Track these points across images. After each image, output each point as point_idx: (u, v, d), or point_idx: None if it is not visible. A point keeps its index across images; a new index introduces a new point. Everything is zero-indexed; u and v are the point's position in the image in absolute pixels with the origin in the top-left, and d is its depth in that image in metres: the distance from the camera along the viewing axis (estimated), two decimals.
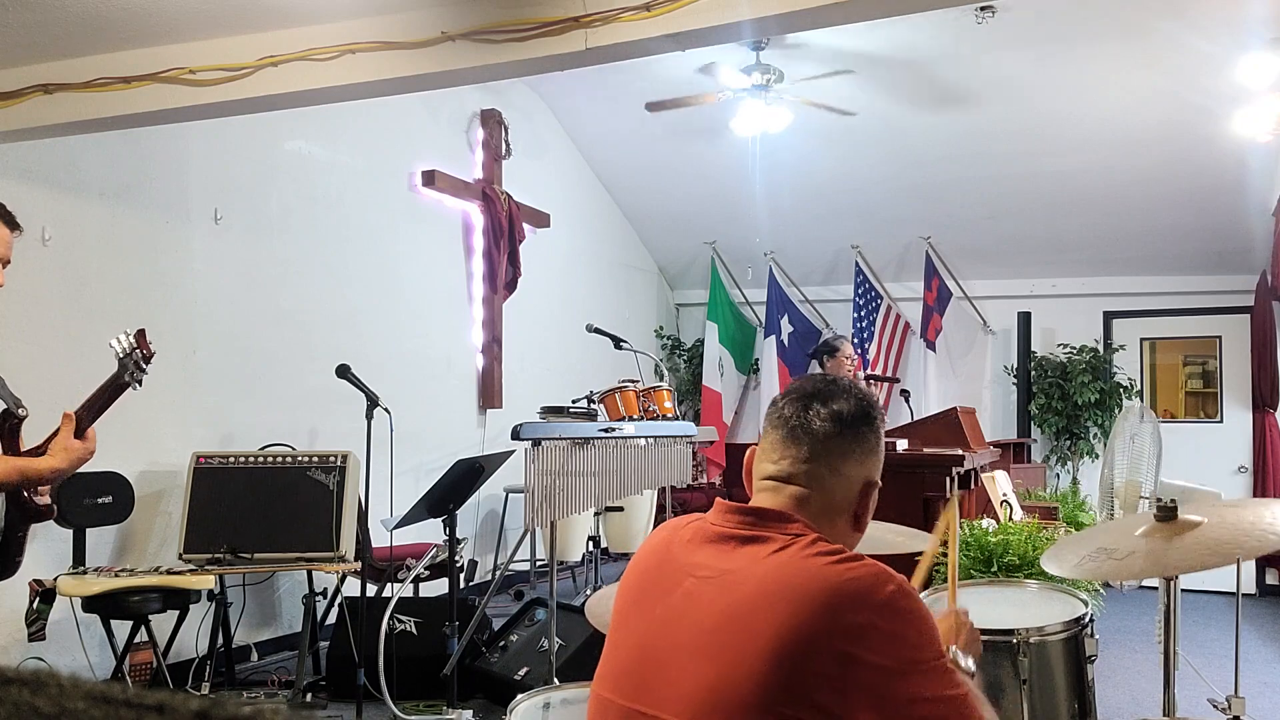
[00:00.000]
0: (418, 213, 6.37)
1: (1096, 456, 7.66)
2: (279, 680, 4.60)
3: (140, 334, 2.27)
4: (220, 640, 4.52)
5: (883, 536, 2.59)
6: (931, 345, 8.08)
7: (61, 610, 4.00)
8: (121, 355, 2.22)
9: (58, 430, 2.28)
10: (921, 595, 2.61)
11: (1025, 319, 7.85)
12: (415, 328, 6.30)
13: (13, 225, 2.32)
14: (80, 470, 2.27)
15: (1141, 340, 7.90)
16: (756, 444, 1.54)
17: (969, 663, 1.55)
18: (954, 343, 8.16)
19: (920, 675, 1.24)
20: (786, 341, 8.41)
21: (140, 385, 2.27)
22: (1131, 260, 7.61)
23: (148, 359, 2.26)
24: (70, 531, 4.25)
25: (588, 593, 5.69)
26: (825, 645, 1.23)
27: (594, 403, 4.99)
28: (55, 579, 3.94)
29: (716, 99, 6.13)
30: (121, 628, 4.23)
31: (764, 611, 1.28)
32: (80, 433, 2.27)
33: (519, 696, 2.23)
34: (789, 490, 1.43)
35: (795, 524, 1.38)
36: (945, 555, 1.91)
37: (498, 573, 5.06)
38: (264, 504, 4.43)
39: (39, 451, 2.29)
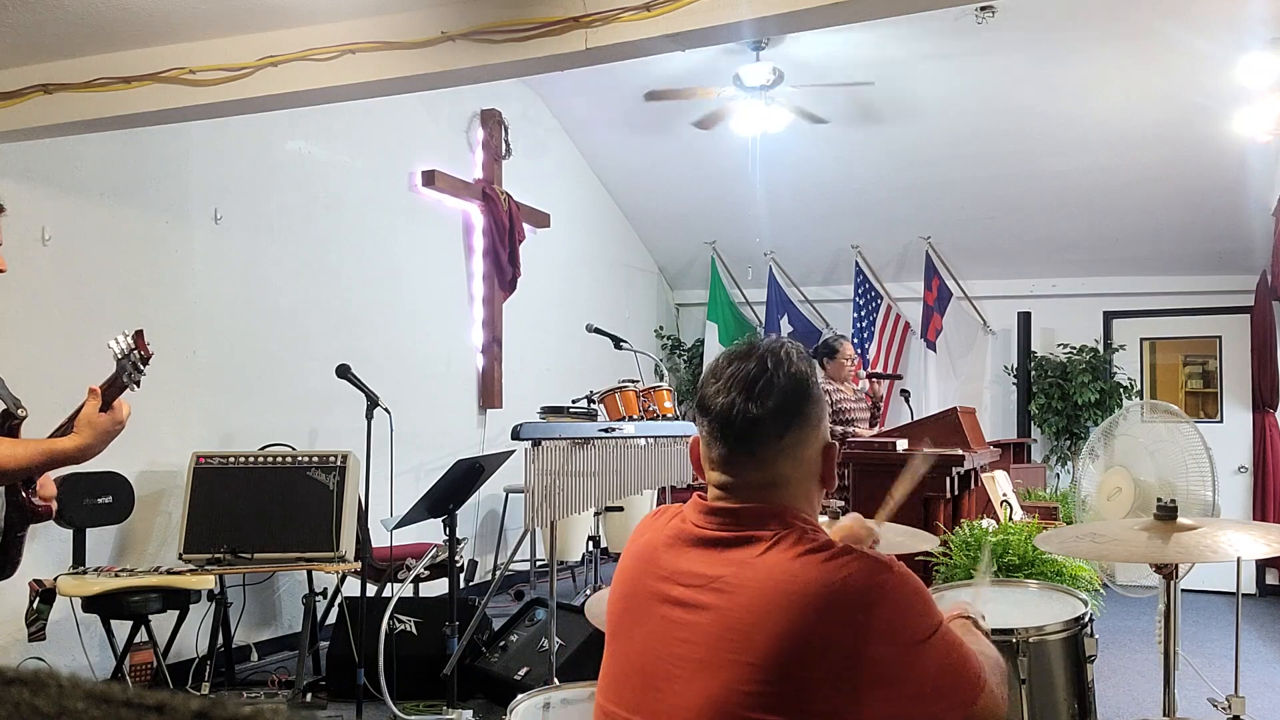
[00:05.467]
0: (418, 213, 6.37)
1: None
2: (279, 680, 4.60)
3: (138, 335, 2.24)
4: (220, 640, 4.52)
5: (882, 536, 2.59)
6: (931, 345, 8.08)
7: (61, 610, 4.01)
8: (119, 356, 2.20)
9: (80, 409, 2.19)
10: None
11: (1025, 319, 7.85)
12: (415, 328, 6.30)
13: None
14: (80, 470, 2.22)
15: (1141, 340, 7.89)
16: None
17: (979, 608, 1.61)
18: (954, 343, 8.16)
19: (927, 650, 1.25)
20: None
21: (138, 386, 2.25)
22: (1131, 260, 7.61)
23: (146, 360, 2.24)
24: (70, 531, 4.25)
25: (588, 593, 5.69)
26: (829, 648, 1.23)
27: (594, 403, 5.00)
28: (55, 579, 3.94)
29: (716, 95, 6.12)
30: (121, 628, 4.23)
31: (762, 619, 1.26)
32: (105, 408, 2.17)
33: (519, 696, 2.23)
34: (757, 490, 1.38)
35: (775, 521, 1.35)
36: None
37: (498, 573, 5.06)
38: (264, 504, 4.44)
39: (63, 432, 2.20)
